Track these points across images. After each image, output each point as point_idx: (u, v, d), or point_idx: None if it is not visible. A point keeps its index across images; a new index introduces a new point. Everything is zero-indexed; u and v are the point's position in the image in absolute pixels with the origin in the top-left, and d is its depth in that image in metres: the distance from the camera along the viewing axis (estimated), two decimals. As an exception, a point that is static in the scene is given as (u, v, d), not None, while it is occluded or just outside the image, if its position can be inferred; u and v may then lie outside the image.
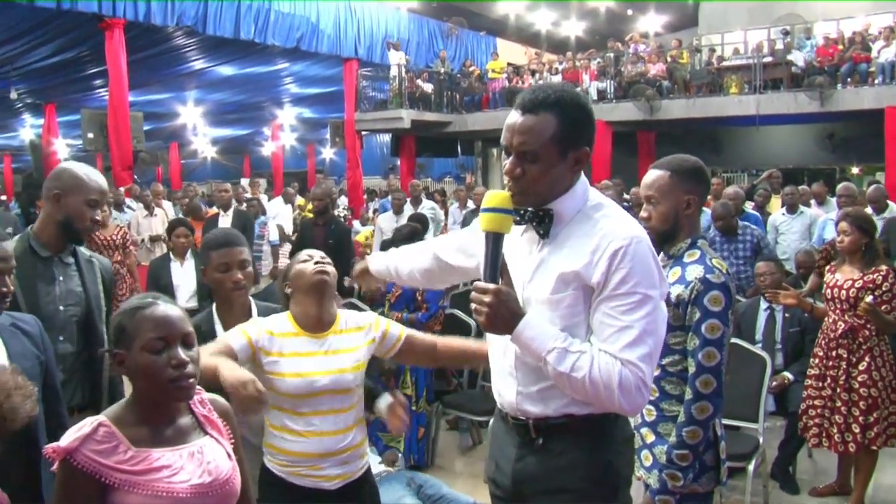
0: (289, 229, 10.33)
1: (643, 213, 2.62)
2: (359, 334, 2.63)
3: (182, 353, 1.78)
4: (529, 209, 1.92)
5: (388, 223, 8.95)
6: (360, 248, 9.29)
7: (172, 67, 16.62)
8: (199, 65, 16.92)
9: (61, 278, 2.81)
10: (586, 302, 1.87)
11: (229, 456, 1.89)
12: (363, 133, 18.96)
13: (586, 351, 1.81)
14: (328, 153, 28.40)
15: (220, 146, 30.26)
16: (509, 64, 19.32)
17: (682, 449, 2.39)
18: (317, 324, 2.57)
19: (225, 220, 7.96)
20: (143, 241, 9.74)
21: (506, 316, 1.83)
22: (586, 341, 1.85)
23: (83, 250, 2.97)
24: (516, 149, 1.88)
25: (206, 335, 2.65)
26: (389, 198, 10.56)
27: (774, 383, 4.69)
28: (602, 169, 15.08)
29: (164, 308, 1.82)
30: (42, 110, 19.11)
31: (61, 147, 19.69)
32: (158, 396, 1.79)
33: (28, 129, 23.03)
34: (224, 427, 1.94)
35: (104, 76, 13.63)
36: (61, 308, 2.79)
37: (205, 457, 1.82)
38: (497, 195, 1.89)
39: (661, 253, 2.61)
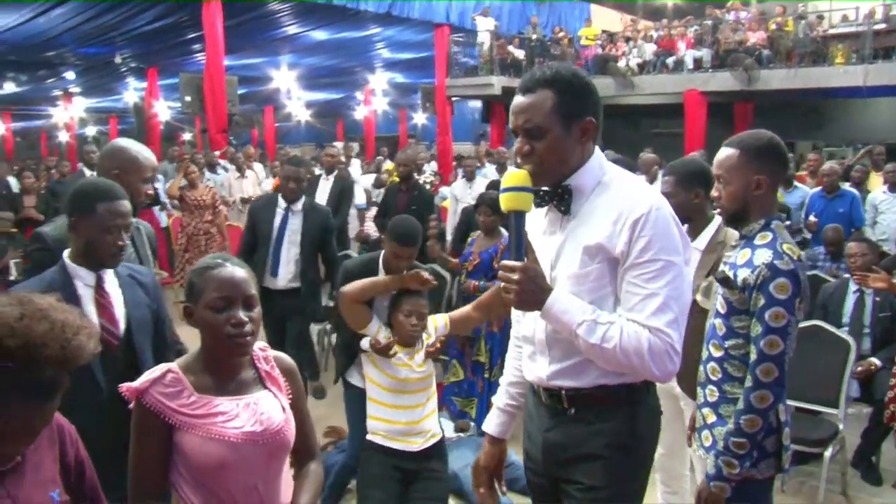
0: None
1: (713, 192, 2.56)
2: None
3: (241, 314, 1.90)
4: (547, 188, 1.97)
5: (461, 190, 8.95)
6: (445, 214, 9.33)
7: (267, 32, 16.85)
8: (292, 30, 17.11)
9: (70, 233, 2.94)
10: (612, 274, 1.91)
11: (284, 409, 2.00)
12: (454, 99, 18.93)
13: (615, 321, 1.86)
14: (420, 118, 28.47)
15: (314, 110, 30.68)
16: (603, 31, 18.91)
17: (740, 437, 2.35)
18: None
19: (326, 184, 8.11)
20: (234, 202, 10.02)
21: (535, 292, 1.88)
22: (614, 312, 1.90)
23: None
24: (522, 127, 1.94)
25: None
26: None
27: (860, 369, 4.52)
28: (695, 140, 14.70)
29: (230, 270, 1.94)
30: (144, 74, 19.73)
31: (162, 109, 20.32)
32: (218, 350, 1.93)
33: (132, 92, 23.80)
34: (284, 383, 2.06)
35: (202, 41, 13.95)
36: None
37: (259, 408, 1.95)
38: (516, 174, 1.93)
39: (736, 232, 2.57)
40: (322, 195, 7.78)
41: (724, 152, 2.51)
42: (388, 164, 13.17)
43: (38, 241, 2.80)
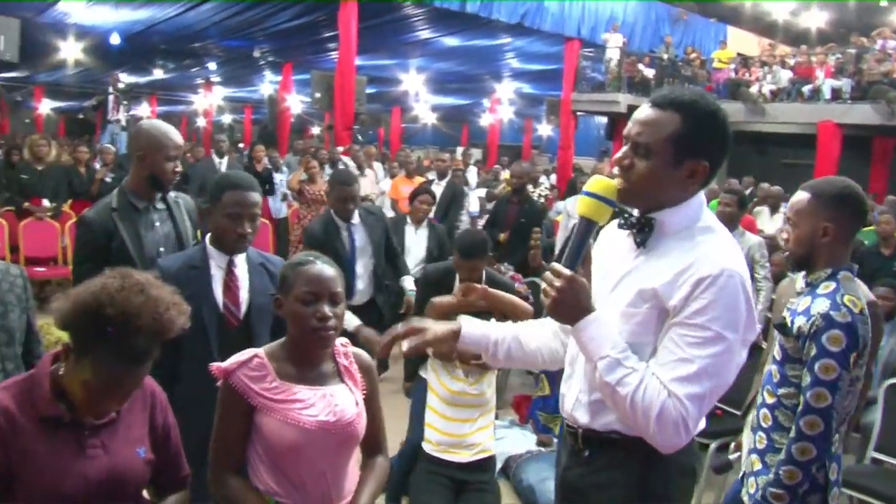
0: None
1: (783, 234, 2.51)
2: None
3: (327, 309, 2.01)
4: (633, 213, 1.84)
5: (573, 206, 8.90)
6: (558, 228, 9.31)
7: (400, 36, 17.23)
8: (424, 35, 17.43)
9: (157, 223, 3.13)
10: (658, 323, 1.77)
11: (357, 404, 2.10)
12: (578, 113, 18.84)
13: (638, 370, 1.72)
14: (545, 129, 28.43)
15: (440, 113, 31.11)
16: (738, 54, 18.41)
17: (778, 488, 2.29)
18: None
19: (437, 189, 8.28)
20: (351, 198, 10.28)
21: (572, 306, 1.76)
22: (644, 362, 1.76)
23: (170, 194, 3.29)
24: (633, 139, 1.80)
25: None
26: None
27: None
28: (826, 174, 14.01)
29: (319, 267, 2.06)
30: (280, 68, 20.58)
31: (294, 102, 21.07)
32: (302, 341, 2.05)
33: (267, 85, 24.79)
34: (360, 379, 2.16)
35: (336, 40, 14.41)
36: (161, 249, 3.11)
37: (335, 400, 2.07)
38: (602, 181, 1.81)
39: (803, 279, 2.50)
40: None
41: (798, 195, 2.47)
42: (506, 174, 13.24)
43: (83, 225, 3.04)
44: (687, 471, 1.93)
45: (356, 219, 4.79)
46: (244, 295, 2.77)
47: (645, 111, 1.81)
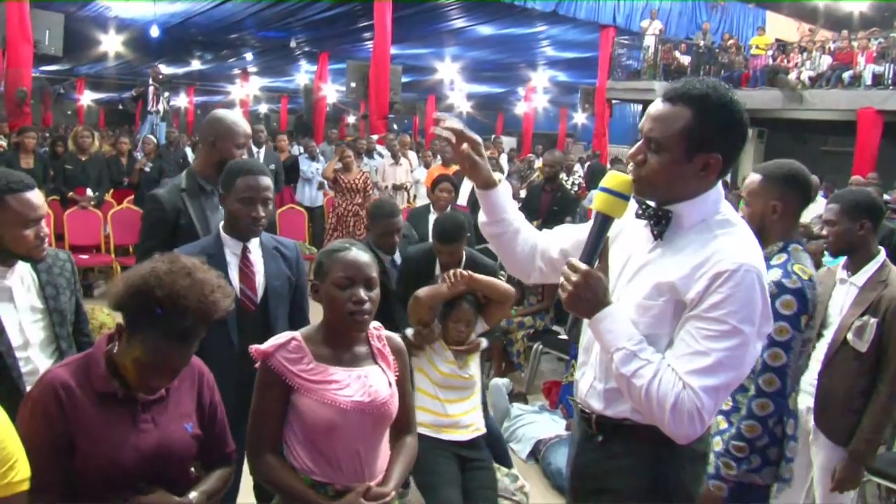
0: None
1: (740, 213, 2.60)
2: None
3: (362, 293, 2.10)
4: (650, 205, 1.85)
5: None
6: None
7: (434, 25, 17.31)
8: (459, 24, 17.49)
9: (221, 207, 3.20)
10: (675, 316, 1.80)
11: (390, 385, 2.19)
12: (613, 101, 18.76)
13: (654, 362, 1.74)
14: (580, 118, 28.34)
15: (475, 102, 31.14)
16: (777, 40, 18.17)
17: (740, 441, 2.46)
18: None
19: (469, 180, 8.34)
20: (386, 187, 10.41)
21: (588, 300, 1.79)
22: (660, 353, 1.78)
23: None
24: (645, 134, 1.82)
25: None
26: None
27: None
28: (866, 161, 13.92)
29: (355, 253, 2.15)
30: (316, 58, 20.79)
31: (329, 92, 21.28)
32: (338, 325, 2.14)
33: (303, 75, 25.04)
34: (393, 362, 2.25)
35: (371, 30, 14.53)
36: None
37: (369, 381, 2.16)
38: (617, 177, 1.83)
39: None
40: (465, 188, 8.01)
41: (751, 177, 2.67)
42: (540, 163, 13.27)
43: (154, 202, 3.16)
44: (698, 457, 1.97)
45: (398, 257, 4.41)
46: (260, 279, 2.85)
47: (657, 106, 1.83)
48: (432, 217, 6.41)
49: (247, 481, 2.69)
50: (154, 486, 1.89)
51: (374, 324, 2.25)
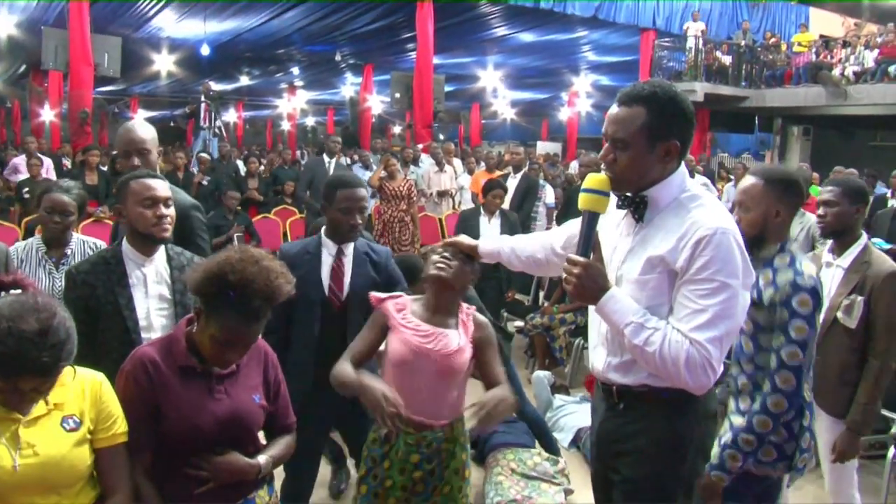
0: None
1: (734, 218, 2.72)
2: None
3: (441, 257, 2.68)
4: (628, 194, 2.12)
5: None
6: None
7: (476, 34, 17.53)
8: (500, 31, 17.70)
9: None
10: (670, 285, 2.04)
11: (460, 344, 2.62)
12: (655, 104, 18.74)
13: (660, 328, 1.98)
14: (623, 121, 28.22)
15: (519, 108, 31.30)
16: (820, 36, 18.05)
17: (749, 434, 2.52)
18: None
19: (513, 182, 8.63)
20: (431, 194, 10.69)
21: (592, 288, 2.04)
22: (664, 320, 2.01)
23: None
24: (610, 137, 2.09)
25: None
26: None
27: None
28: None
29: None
30: (361, 70, 21.19)
31: (375, 103, 21.66)
32: (430, 290, 2.70)
33: (348, 87, 25.46)
34: (472, 330, 2.68)
35: (414, 41, 14.87)
36: None
37: (444, 338, 2.61)
38: (596, 178, 2.09)
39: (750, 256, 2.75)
40: (508, 192, 8.25)
41: (749, 181, 2.70)
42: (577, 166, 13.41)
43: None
44: (710, 414, 2.21)
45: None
46: (347, 280, 3.22)
47: (615, 110, 2.10)
48: (483, 219, 6.68)
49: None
50: (228, 450, 2.19)
51: (467, 305, 2.73)
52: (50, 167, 9.78)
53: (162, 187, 2.69)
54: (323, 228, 3.29)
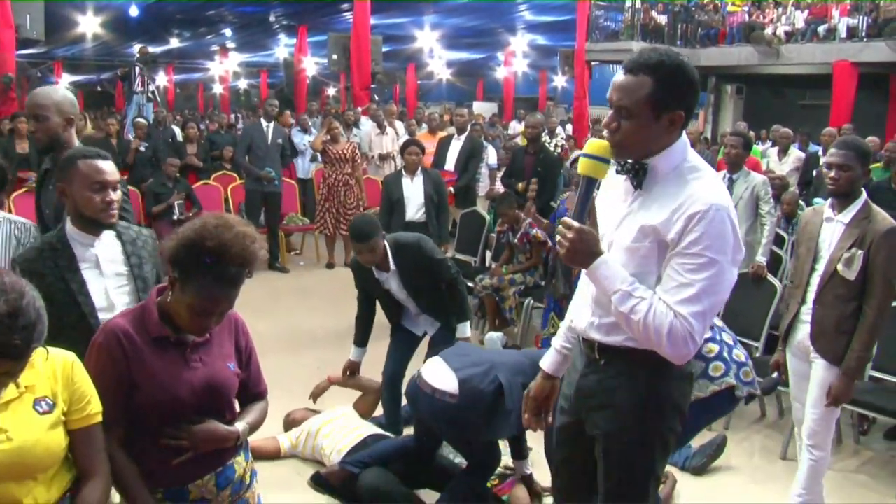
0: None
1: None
2: None
3: None
4: (629, 161, 2.12)
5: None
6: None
7: (413, -7, 17.42)
8: (438, -9, 17.61)
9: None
10: (660, 255, 2.07)
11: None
12: (593, 63, 18.90)
13: (647, 298, 2.02)
14: (560, 80, 28.46)
15: (455, 69, 31.23)
16: (753, -3, 18.36)
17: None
18: None
19: (457, 143, 8.62)
20: (373, 157, 10.59)
21: (584, 252, 2.06)
22: (652, 290, 2.06)
23: None
24: (615, 104, 2.07)
25: None
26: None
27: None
28: (843, 113, 14.15)
29: None
30: (295, 31, 20.74)
31: (309, 65, 21.30)
32: None
33: (282, 49, 25.05)
34: None
35: (349, 1, 14.61)
36: None
37: None
38: (598, 143, 2.11)
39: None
40: (452, 154, 8.24)
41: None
42: (522, 127, 13.44)
43: None
44: (685, 376, 2.28)
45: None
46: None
47: (620, 78, 2.08)
48: (405, 179, 6.65)
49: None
50: (205, 418, 2.17)
51: None
52: (-25, 135, 9.37)
53: (111, 170, 2.57)
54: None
